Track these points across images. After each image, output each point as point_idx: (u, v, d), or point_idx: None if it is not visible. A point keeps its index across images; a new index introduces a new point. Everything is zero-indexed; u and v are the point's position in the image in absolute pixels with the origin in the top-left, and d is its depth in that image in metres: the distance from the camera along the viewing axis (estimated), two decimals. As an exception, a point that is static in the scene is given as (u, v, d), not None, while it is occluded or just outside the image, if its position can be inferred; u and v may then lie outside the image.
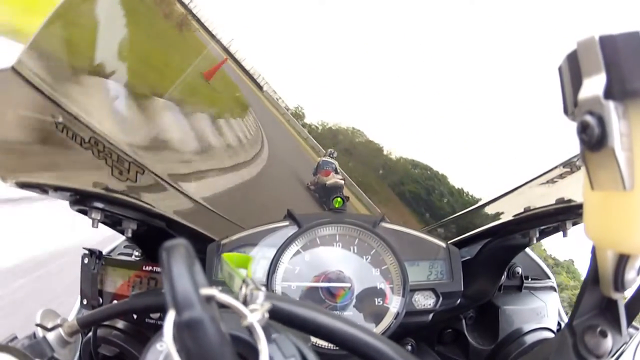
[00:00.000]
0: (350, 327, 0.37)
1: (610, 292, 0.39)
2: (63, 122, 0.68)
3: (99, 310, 0.55)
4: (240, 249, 0.78)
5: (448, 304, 0.79)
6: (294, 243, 0.78)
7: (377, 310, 0.76)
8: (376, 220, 0.80)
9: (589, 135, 0.31)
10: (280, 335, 0.35)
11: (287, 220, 0.80)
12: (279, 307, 0.37)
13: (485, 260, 0.87)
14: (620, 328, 0.42)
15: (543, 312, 0.84)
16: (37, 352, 0.51)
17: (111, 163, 0.73)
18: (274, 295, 0.37)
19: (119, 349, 0.77)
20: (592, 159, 0.33)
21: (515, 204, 0.84)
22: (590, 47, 0.31)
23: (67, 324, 0.55)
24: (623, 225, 0.33)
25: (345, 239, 0.79)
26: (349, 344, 0.37)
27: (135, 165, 0.75)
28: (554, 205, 0.76)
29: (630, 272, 0.37)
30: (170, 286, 0.25)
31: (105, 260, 0.85)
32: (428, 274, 0.80)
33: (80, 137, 0.70)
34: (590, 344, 0.42)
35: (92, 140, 0.71)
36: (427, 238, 0.82)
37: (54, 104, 0.68)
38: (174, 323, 0.26)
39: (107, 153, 0.72)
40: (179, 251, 0.27)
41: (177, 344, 0.27)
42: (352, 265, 0.78)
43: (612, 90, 0.30)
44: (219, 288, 0.31)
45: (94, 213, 0.75)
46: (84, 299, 0.85)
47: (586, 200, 0.37)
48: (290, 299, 0.39)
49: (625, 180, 0.31)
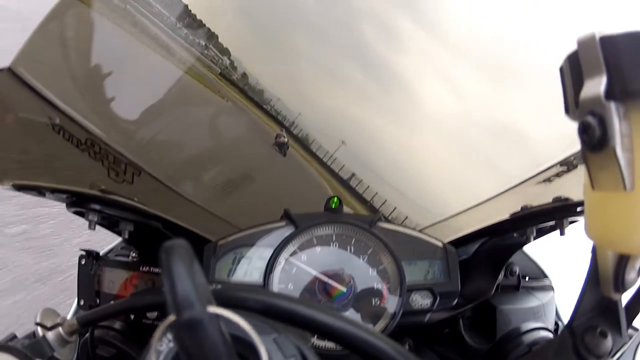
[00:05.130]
0: (350, 327, 0.36)
1: (611, 292, 0.39)
2: (59, 123, 0.68)
3: (99, 308, 0.55)
4: (237, 250, 0.78)
5: (445, 303, 0.79)
6: (291, 243, 0.77)
7: (374, 310, 0.76)
8: (373, 220, 0.80)
9: (590, 136, 0.31)
10: (280, 335, 0.35)
11: (283, 221, 0.80)
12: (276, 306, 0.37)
13: (482, 259, 0.88)
14: (620, 329, 0.42)
15: (540, 312, 0.84)
16: (36, 352, 0.51)
17: (107, 165, 0.73)
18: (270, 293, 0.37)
19: (116, 349, 0.77)
20: (593, 160, 0.34)
21: (512, 203, 0.85)
22: (591, 48, 0.32)
23: (67, 323, 0.54)
24: (623, 226, 0.33)
25: (342, 239, 0.79)
26: (350, 343, 0.37)
27: (131, 166, 0.75)
28: (551, 204, 0.76)
29: (630, 272, 0.38)
30: (170, 286, 0.25)
31: (102, 261, 0.85)
32: (425, 274, 0.80)
33: (77, 139, 0.70)
34: (590, 345, 0.42)
35: (89, 141, 0.71)
36: (424, 237, 0.81)
37: (50, 106, 0.67)
38: (174, 323, 0.25)
39: (103, 154, 0.72)
40: (179, 251, 0.27)
41: (177, 345, 0.27)
42: (349, 265, 0.78)
43: (613, 91, 0.30)
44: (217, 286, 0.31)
45: (90, 215, 0.75)
46: (81, 300, 0.85)
47: (586, 201, 0.37)
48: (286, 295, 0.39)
49: (626, 181, 0.31)
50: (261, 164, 1.12)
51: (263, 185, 1.13)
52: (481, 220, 0.88)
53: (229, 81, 1.04)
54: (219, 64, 1.03)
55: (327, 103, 1.05)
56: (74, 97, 0.74)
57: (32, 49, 0.67)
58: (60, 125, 0.68)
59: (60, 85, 0.73)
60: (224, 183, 1.07)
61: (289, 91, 1.06)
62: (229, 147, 1.09)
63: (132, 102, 0.84)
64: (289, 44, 1.06)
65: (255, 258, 0.77)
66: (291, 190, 1.16)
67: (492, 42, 0.88)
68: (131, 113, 0.83)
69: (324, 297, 0.75)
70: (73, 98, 0.73)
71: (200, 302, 0.25)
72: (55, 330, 0.53)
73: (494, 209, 0.91)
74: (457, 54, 0.95)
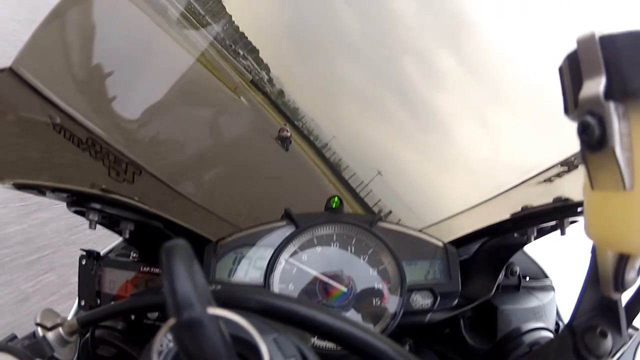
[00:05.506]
0: (350, 327, 0.36)
1: (610, 292, 0.39)
2: (60, 122, 0.68)
3: (99, 309, 0.55)
4: (237, 250, 0.78)
5: (446, 303, 0.79)
6: (292, 243, 0.77)
7: (375, 310, 0.76)
8: (373, 220, 0.80)
9: (589, 136, 0.31)
10: (280, 335, 0.35)
11: (284, 220, 0.80)
12: (276, 305, 0.37)
13: (482, 259, 0.87)
14: (620, 328, 0.42)
15: (541, 312, 0.84)
16: (36, 352, 0.51)
17: (108, 164, 0.73)
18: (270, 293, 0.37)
19: (117, 349, 0.77)
20: (593, 159, 0.34)
21: (512, 203, 0.84)
22: (591, 47, 0.31)
23: (67, 323, 0.54)
24: (623, 225, 0.33)
25: (343, 239, 0.79)
26: (349, 342, 0.37)
27: (132, 165, 0.75)
28: (551, 204, 0.76)
29: (630, 272, 0.37)
30: (169, 287, 0.25)
31: (103, 262, 0.85)
32: (426, 274, 0.80)
33: (78, 138, 0.70)
34: (590, 345, 0.42)
35: (89, 141, 0.71)
36: (425, 237, 0.81)
37: (51, 105, 0.67)
38: (174, 324, 0.25)
39: (104, 154, 0.72)
40: (179, 251, 0.27)
41: (177, 345, 0.27)
42: (350, 265, 0.78)
43: (612, 90, 0.30)
44: (217, 287, 0.31)
45: (91, 214, 0.75)
46: (81, 300, 0.84)
47: (586, 200, 0.37)
48: (286, 296, 0.39)
49: (626, 180, 0.31)
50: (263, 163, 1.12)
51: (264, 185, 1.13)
52: (482, 221, 0.88)
53: (260, 91, 1.07)
54: (253, 73, 1.05)
55: (362, 131, 1.05)
56: (75, 97, 0.74)
57: (33, 48, 0.67)
58: (61, 124, 0.68)
59: (61, 84, 0.73)
60: (224, 182, 1.07)
61: (325, 114, 1.07)
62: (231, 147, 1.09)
63: (132, 101, 0.84)
64: (330, 68, 1.07)
65: (255, 258, 0.77)
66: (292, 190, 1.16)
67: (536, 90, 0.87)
68: (132, 112, 0.83)
69: (324, 297, 0.75)
70: (74, 97, 0.73)
71: (200, 303, 0.25)
72: (55, 330, 0.53)
73: (495, 209, 0.91)
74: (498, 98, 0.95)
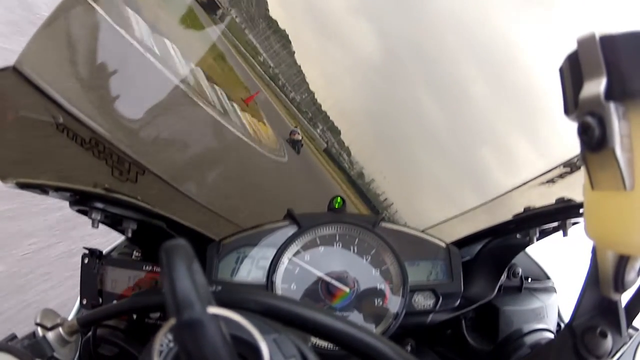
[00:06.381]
0: (350, 329, 0.37)
1: (610, 292, 0.39)
2: (63, 122, 0.68)
3: (99, 309, 0.55)
4: (240, 249, 0.78)
5: (448, 304, 0.79)
6: (294, 243, 0.77)
7: (376, 310, 0.76)
8: (376, 220, 0.80)
9: (590, 136, 0.31)
10: (280, 335, 0.35)
11: (286, 220, 0.80)
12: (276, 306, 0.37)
13: (485, 260, 0.87)
14: (620, 329, 0.42)
15: (543, 313, 0.84)
16: (37, 352, 0.51)
17: (111, 164, 0.73)
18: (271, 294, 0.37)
19: (118, 348, 0.77)
20: (593, 160, 0.34)
21: (515, 204, 0.84)
22: (591, 47, 0.31)
23: (67, 323, 0.54)
24: (623, 226, 0.33)
25: (345, 239, 0.79)
26: (349, 344, 0.37)
27: (135, 165, 0.75)
28: (554, 205, 0.76)
29: (630, 272, 0.37)
30: (169, 287, 0.25)
31: (105, 260, 0.85)
32: (428, 275, 0.80)
33: (81, 138, 0.70)
34: (590, 345, 0.42)
35: (93, 140, 0.71)
36: (427, 238, 0.81)
37: (54, 104, 0.67)
38: (174, 324, 0.26)
39: (107, 154, 0.72)
40: (179, 252, 0.27)
41: (177, 345, 0.27)
42: (352, 265, 0.78)
43: (612, 91, 0.30)
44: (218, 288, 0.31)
45: (94, 213, 0.75)
46: (83, 299, 0.85)
47: (586, 201, 0.37)
48: (287, 297, 0.39)
49: (626, 181, 0.31)
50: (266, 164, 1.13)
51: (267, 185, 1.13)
52: (484, 222, 0.88)
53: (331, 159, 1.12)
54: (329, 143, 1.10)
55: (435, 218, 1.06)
56: (79, 96, 0.74)
57: (36, 48, 0.67)
58: (64, 124, 0.69)
59: (65, 84, 0.73)
60: (227, 182, 1.07)
61: (402, 199, 1.08)
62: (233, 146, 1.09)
63: (136, 101, 0.85)
64: (409, 154, 1.09)
65: (258, 258, 0.77)
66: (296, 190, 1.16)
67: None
68: (135, 112, 0.83)
69: (327, 297, 0.75)
70: (77, 97, 0.73)
71: (200, 303, 0.25)
72: (55, 330, 0.54)
73: (496, 210, 0.91)
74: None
